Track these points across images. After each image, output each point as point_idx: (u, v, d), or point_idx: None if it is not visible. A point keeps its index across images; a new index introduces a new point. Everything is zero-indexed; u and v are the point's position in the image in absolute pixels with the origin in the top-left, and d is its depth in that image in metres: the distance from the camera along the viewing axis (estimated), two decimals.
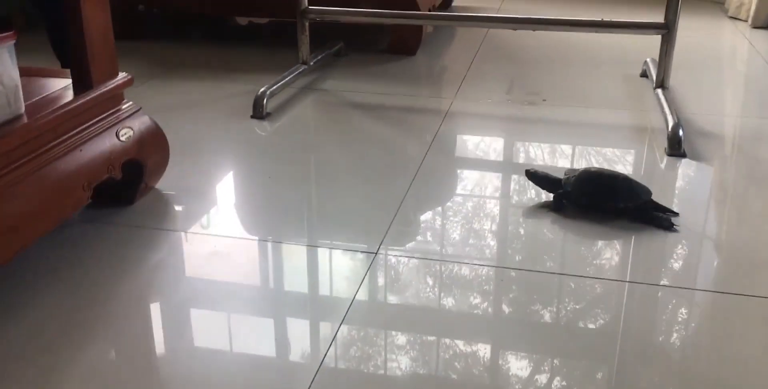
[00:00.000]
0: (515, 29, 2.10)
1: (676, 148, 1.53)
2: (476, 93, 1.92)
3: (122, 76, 1.24)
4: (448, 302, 1.03)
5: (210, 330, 0.97)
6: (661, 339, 0.94)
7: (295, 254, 1.16)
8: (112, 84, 1.21)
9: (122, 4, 2.35)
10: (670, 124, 1.57)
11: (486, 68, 2.15)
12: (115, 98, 1.23)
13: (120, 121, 1.23)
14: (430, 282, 1.08)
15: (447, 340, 0.94)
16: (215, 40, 2.50)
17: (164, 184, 1.38)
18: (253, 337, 0.95)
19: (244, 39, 2.51)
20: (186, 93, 1.93)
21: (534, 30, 1.90)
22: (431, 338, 0.95)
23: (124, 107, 1.25)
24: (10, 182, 0.99)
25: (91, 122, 1.16)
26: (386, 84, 1.99)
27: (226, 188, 1.41)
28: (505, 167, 1.50)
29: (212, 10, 2.36)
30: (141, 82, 2.03)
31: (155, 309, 1.02)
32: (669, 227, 1.22)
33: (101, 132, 1.18)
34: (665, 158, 1.52)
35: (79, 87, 1.18)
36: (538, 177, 1.33)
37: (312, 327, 0.98)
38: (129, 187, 1.30)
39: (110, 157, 1.19)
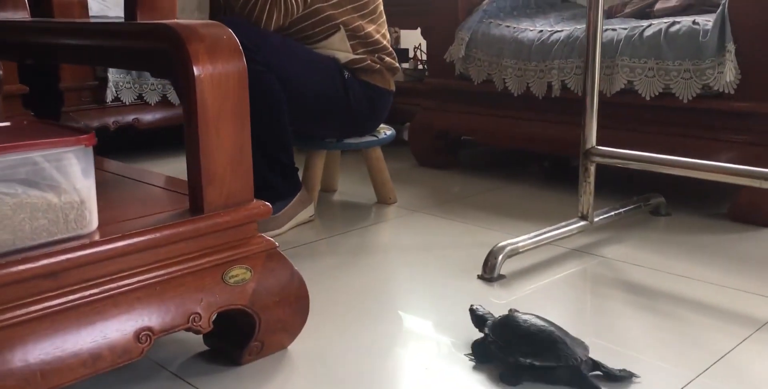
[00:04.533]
0: None
1: None
2: None
3: (255, 204, 0.99)
4: None
5: None
6: None
7: None
8: (232, 213, 0.96)
9: (443, 136, 2.19)
10: None
11: None
12: (237, 229, 0.97)
13: (236, 259, 0.96)
14: None
15: None
16: (524, 178, 2.16)
17: (304, 346, 1.07)
18: None
19: (563, 180, 2.11)
20: (432, 233, 1.62)
21: None
22: None
23: (250, 241, 0.98)
24: (33, 318, 0.79)
25: (186, 256, 0.92)
26: (699, 263, 1.40)
27: (365, 377, 1.03)
28: None
29: (538, 148, 2.03)
30: (400, 214, 1.79)
31: None
32: None
33: (198, 270, 0.93)
34: None
35: (191, 211, 0.96)
36: (475, 316, 1.09)
37: None
38: (238, 343, 1.01)
39: (199, 303, 0.92)
